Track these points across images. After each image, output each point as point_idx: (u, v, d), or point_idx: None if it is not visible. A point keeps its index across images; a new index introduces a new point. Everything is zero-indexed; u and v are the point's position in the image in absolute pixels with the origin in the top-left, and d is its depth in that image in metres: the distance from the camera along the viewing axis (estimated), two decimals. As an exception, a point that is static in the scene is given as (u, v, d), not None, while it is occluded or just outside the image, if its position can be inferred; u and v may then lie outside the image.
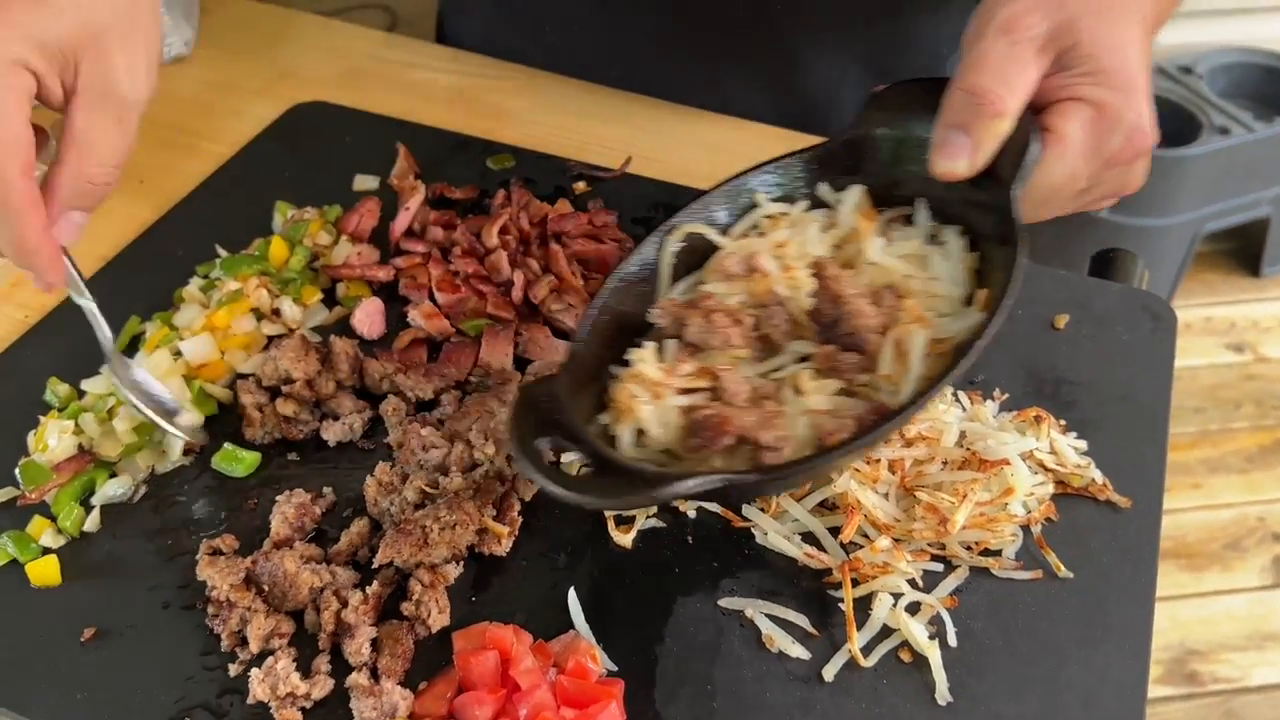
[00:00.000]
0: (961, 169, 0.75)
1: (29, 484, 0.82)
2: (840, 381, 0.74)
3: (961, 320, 0.75)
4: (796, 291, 0.78)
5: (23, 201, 0.69)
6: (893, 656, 0.74)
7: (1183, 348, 2.66)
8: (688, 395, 0.75)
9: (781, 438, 0.70)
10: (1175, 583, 2.27)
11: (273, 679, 0.71)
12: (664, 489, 0.66)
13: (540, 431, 0.69)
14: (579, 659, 0.72)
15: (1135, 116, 0.74)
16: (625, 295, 0.81)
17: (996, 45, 0.73)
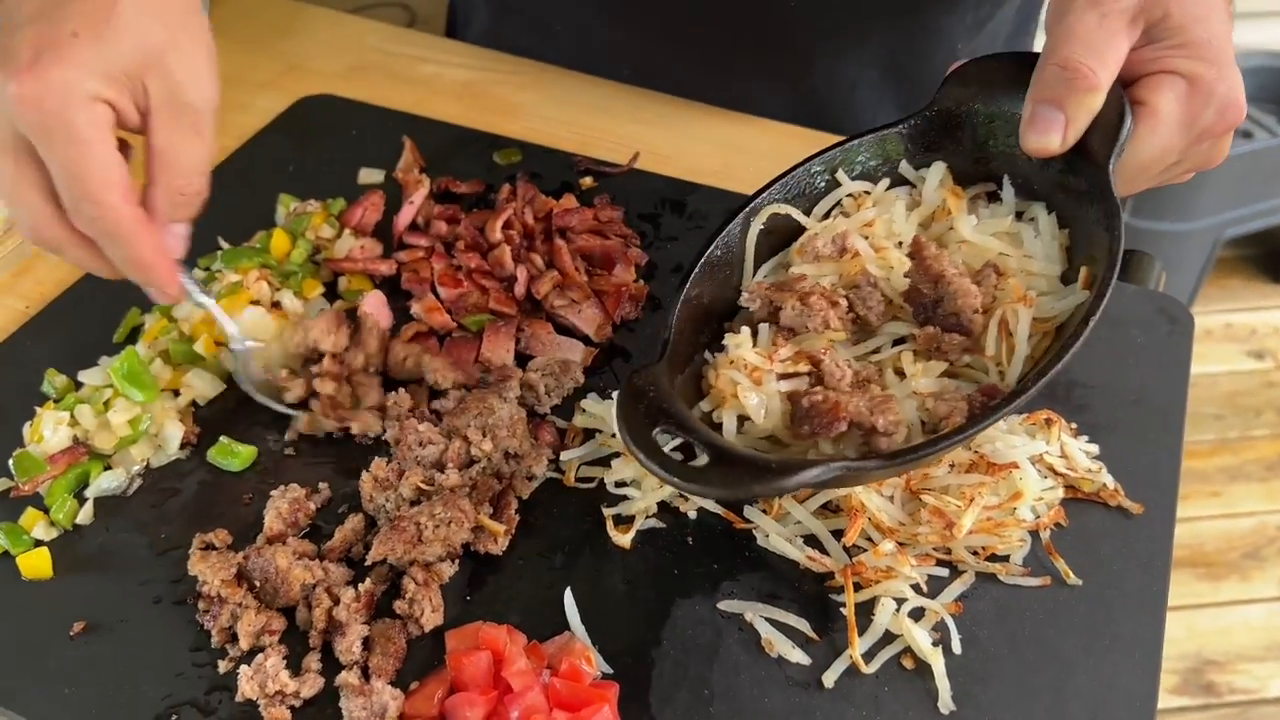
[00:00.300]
0: (1055, 144, 0.74)
1: (22, 475, 0.82)
2: (944, 363, 0.74)
3: (1063, 299, 0.74)
4: (891, 271, 0.77)
5: (131, 224, 0.72)
6: (895, 663, 0.72)
7: (1203, 354, 2.67)
8: (788, 380, 0.73)
9: (895, 421, 0.69)
10: (1192, 592, 2.24)
11: (261, 676, 0.70)
12: (788, 479, 0.63)
13: (652, 422, 0.67)
14: (573, 661, 0.71)
15: (1227, 89, 0.73)
16: (707, 279, 0.79)
17: (1086, 18, 0.72)
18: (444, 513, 0.77)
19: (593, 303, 0.94)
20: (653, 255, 1.01)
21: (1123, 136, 0.73)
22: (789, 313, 0.75)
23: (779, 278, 0.81)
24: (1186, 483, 2.44)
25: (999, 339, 0.73)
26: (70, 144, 0.68)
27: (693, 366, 0.76)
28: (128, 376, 0.85)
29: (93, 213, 0.70)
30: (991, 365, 0.73)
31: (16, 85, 0.66)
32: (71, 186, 0.69)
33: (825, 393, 0.71)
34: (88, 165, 0.68)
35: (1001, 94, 0.80)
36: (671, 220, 1.04)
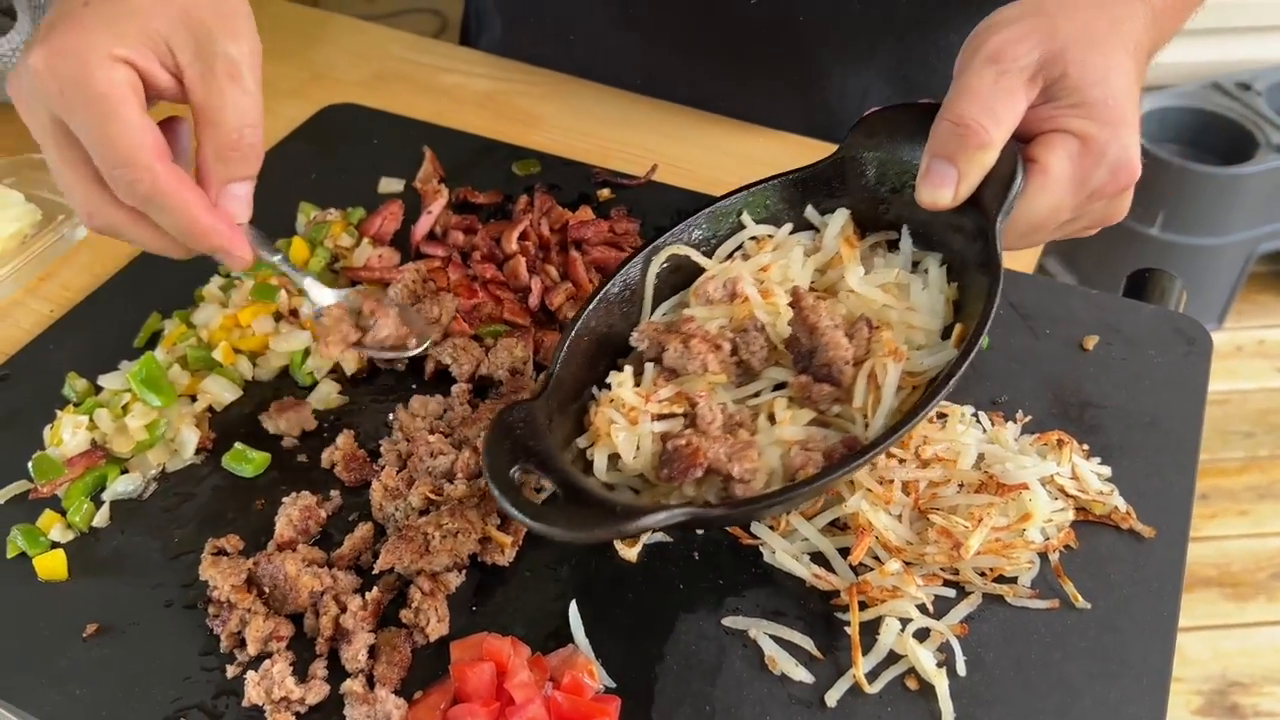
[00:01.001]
0: (945, 199, 0.75)
1: (41, 478, 0.83)
2: (814, 411, 0.75)
3: (937, 355, 0.75)
4: (776, 318, 0.78)
5: (169, 184, 0.68)
6: (899, 684, 0.72)
7: (1234, 370, 2.63)
8: (664, 420, 0.75)
9: (751, 470, 0.71)
10: (1219, 612, 2.22)
11: (268, 682, 0.71)
12: (631, 523, 0.65)
13: (514, 458, 0.69)
14: (576, 674, 0.71)
15: (1120, 150, 0.73)
16: (609, 315, 0.81)
17: (984, 75, 0.73)
18: (452, 523, 0.78)
19: (606, 315, 0.94)
20: (668, 268, 1.01)
21: (1012, 193, 0.74)
22: (671, 354, 0.77)
23: (675, 317, 0.82)
24: (1214, 501, 2.41)
25: (867, 391, 0.74)
26: (90, 106, 0.65)
27: (581, 400, 0.78)
28: (146, 381, 0.86)
29: (128, 177, 0.67)
30: (859, 416, 0.74)
31: (34, 59, 0.65)
32: (101, 153, 0.67)
33: (689, 437, 0.72)
34: (112, 126, 0.66)
35: (904, 144, 0.82)
36: (688, 233, 1.04)
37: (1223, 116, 2.61)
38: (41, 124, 0.68)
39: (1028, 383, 0.89)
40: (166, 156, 0.69)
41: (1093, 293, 0.98)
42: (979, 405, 0.86)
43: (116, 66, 0.66)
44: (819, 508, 0.79)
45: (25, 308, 1.00)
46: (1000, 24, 0.75)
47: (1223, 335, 2.74)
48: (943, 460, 0.79)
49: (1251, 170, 2.47)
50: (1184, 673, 2.13)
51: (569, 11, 1.24)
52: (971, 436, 0.81)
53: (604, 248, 0.99)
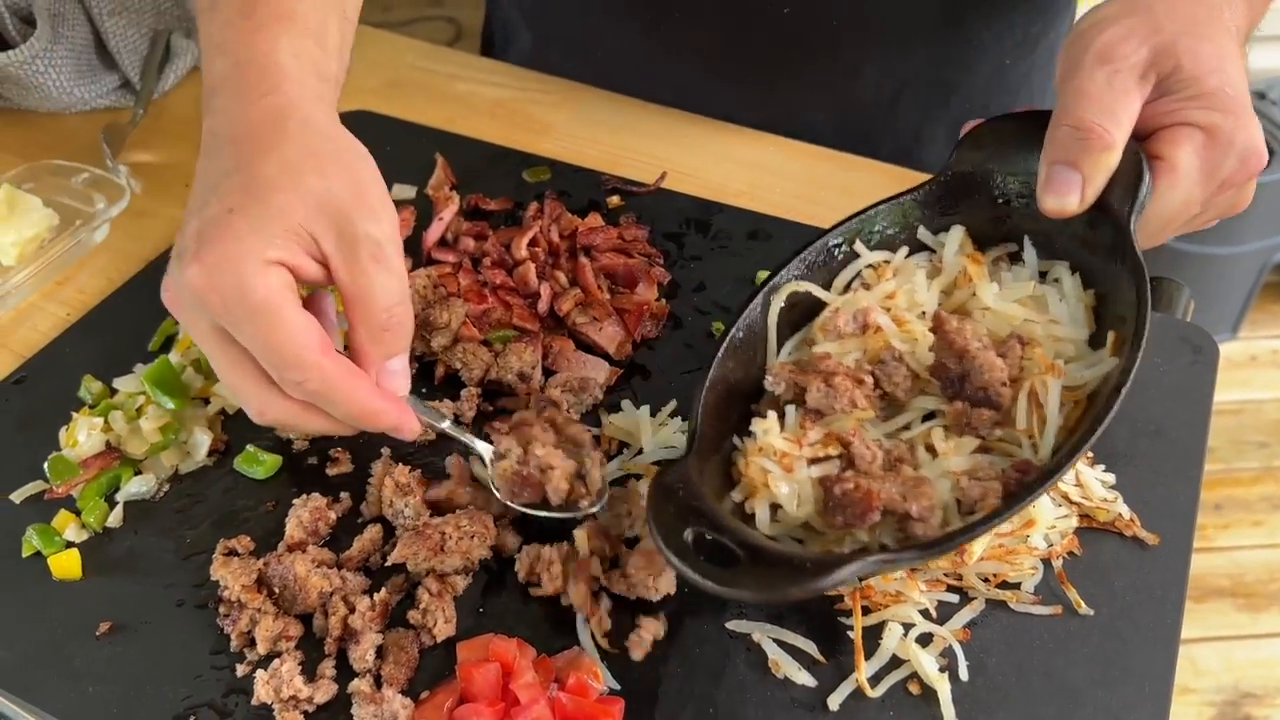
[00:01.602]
0: (1073, 205, 0.73)
1: (56, 478, 0.84)
2: (976, 439, 0.73)
3: (1092, 366, 0.73)
4: (915, 345, 0.77)
5: (337, 377, 0.69)
6: (901, 688, 0.72)
7: (1249, 380, 2.62)
8: (818, 464, 0.72)
9: (930, 507, 0.68)
10: (1232, 623, 2.21)
11: (277, 681, 0.72)
12: (825, 578, 0.62)
13: (684, 522, 0.66)
14: (580, 675, 0.72)
15: (1247, 137, 0.72)
16: (731, 361, 0.78)
17: (1096, 76, 0.72)
18: (469, 525, 0.78)
19: (614, 320, 0.95)
20: (676, 274, 1.02)
21: (1142, 193, 0.72)
22: (814, 394, 0.74)
23: (802, 355, 0.80)
24: (1228, 511, 2.40)
25: (1029, 411, 0.72)
26: (255, 317, 0.66)
27: (722, 452, 0.75)
28: (160, 384, 0.87)
29: (298, 378, 0.67)
30: (1024, 438, 0.72)
31: (190, 275, 0.65)
32: (270, 359, 0.67)
33: (857, 479, 0.69)
34: (278, 333, 0.66)
35: (1016, 154, 0.80)
36: (696, 240, 1.05)
37: (1238, 125, 2.61)
38: (203, 332, 0.69)
39: (1033, 390, 0.89)
40: (330, 349, 0.69)
41: (1099, 301, 0.98)
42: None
43: (272, 271, 0.67)
44: (824, 513, 0.79)
45: (42, 311, 1.01)
46: (1102, 22, 0.74)
47: (1237, 345, 2.73)
48: (947, 467, 0.79)
49: (1266, 179, 2.47)
50: (1197, 684, 2.12)
51: (597, 26, 1.25)
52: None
53: (612, 254, 1.00)
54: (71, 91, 1.23)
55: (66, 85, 1.22)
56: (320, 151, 0.71)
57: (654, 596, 0.76)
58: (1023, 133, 0.79)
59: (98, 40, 1.25)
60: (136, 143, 1.21)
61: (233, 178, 0.69)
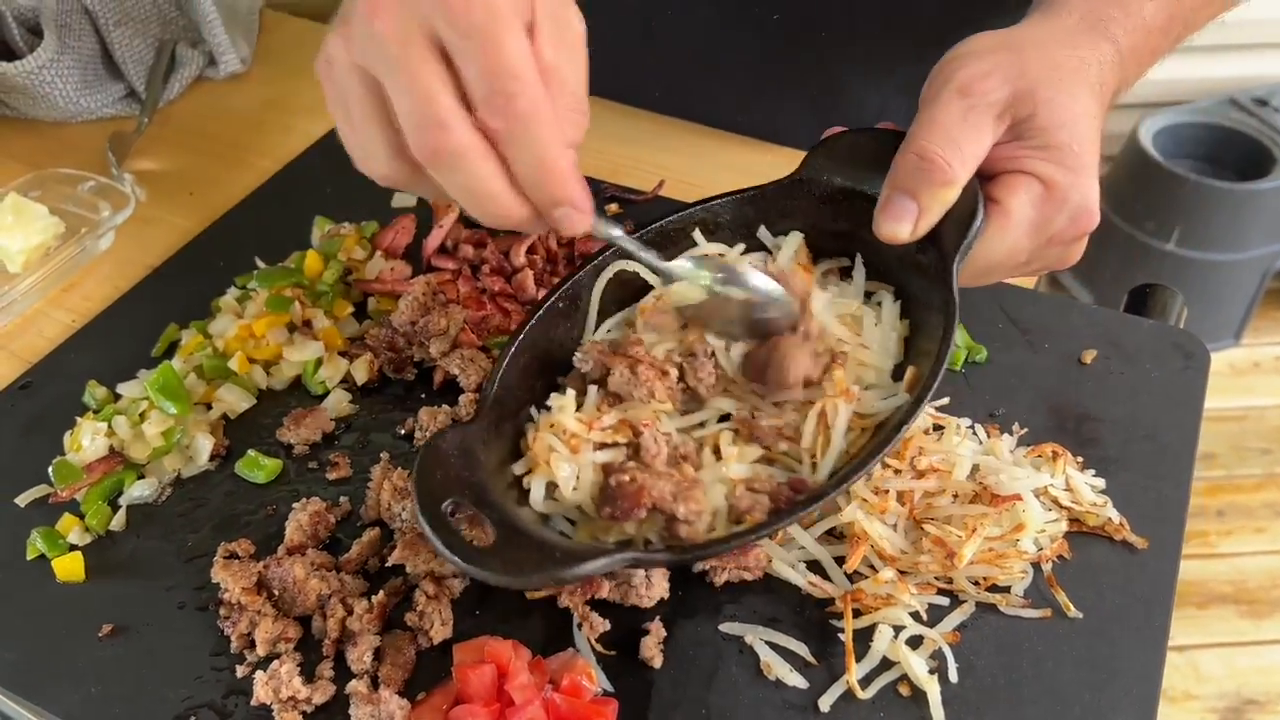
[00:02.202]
0: (904, 234, 0.73)
1: (60, 482, 0.86)
2: (760, 449, 0.74)
3: (888, 398, 0.74)
4: (730, 348, 0.77)
5: (545, 103, 0.62)
6: (891, 690, 0.73)
7: (1251, 387, 2.63)
8: (606, 450, 0.73)
9: (696, 511, 0.69)
10: (1234, 629, 2.21)
11: (275, 682, 0.73)
12: (570, 569, 0.63)
13: (446, 491, 0.66)
14: (575, 677, 0.72)
15: (1081, 197, 0.73)
16: (551, 327, 0.78)
17: (952, 109, 0.72)
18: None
19: (611, 327, 0.96)
20: (673, 281, 1.03)
21: (972, 233, 0.72)
22: (617, 378, 0.75)
23: (621, 335, 0.80)
24: (1230, 518, 2.40)
25: (816, 431, 0.73)
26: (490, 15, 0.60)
27: (519, 419, 0.75)
28: (163, 390, 0.89)
29: (513, 88, 0.60)
30: (806, 456, 0.74)
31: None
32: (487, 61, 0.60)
33: (634, 473, 0.70)
34: (505, 37, 0.61)
35: (865, 171, 0.80)
36: (693, 247, 1.06)
37: (1239, 132, 2.61)
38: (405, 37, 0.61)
39: (1025, 396, 0.90)
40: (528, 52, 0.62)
41: (1092, 308, 0.99)
42: (975, 418, 0.88)
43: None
44: (815, 517, 0.80)
45: (48, 318, 1.03)
46: (970, 55, 0.74)
47: (1240, 351, 2.73)
48: (938, 471, 0.80)
49: (1268, 186, 2.47)
50: (1199, 690, 2.12)
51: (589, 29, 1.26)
52: (967, 448, 0.82)
53: (610, 261, 1.01)
54: (78, 101, 1.24)
55: (73, 95, 1.24)
56: None
57: (646, 604, 0.77)
58: (877, 149, 0.78)
59: (104, 50, 1.27)
60: (141, 151, 1.22)
61: None
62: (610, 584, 0.77)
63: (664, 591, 0.78)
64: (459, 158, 0.62)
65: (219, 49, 1.32)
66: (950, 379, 0.92)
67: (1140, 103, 2.73)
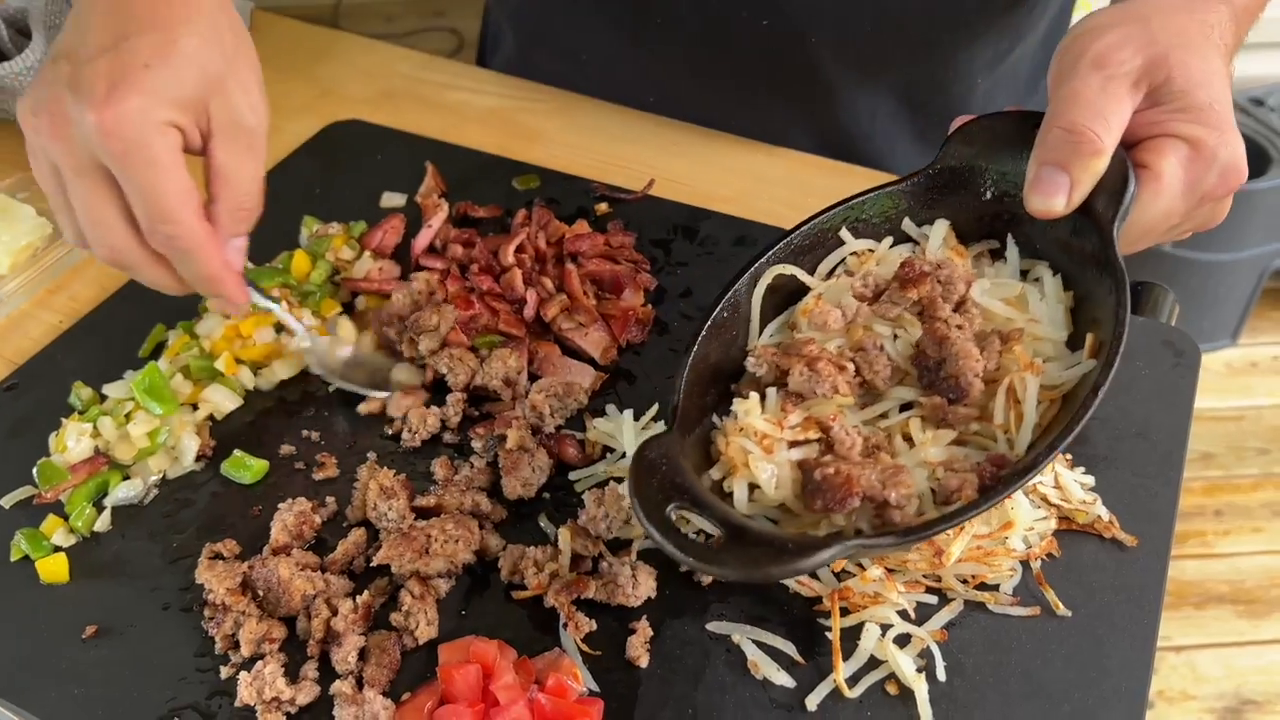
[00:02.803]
0: (1059, 207, 0.74)
1: (45, 483, 0.85)
2: (953, 431, 0.73)
3: (1070, 367, 0.74)
4: (898, 335, 0.77)
5: (204, 240, 0.76)
6: (879, 689, 0.73)
7: (1249, 387, 2.62)
8: (798, 448, 0.73)
9: (907, 495, 0.69)
10: (1232, 629, 2.20)
11: (260, 683, 0.72)
12: (805, 559, 0.62)
13: (666, 497, 0.66)
14: (560, 677, 0.72)
15: (1229, 153, 0.74)
16: (713, 340, 0.79)
17: (1090, 81, 0.73)
18: (455, 530, 0.79)
19: (599, 326, 0.96)
20: (663, 280, 1.03)
21: (1126, 200, 0.73)
22: (796, 378, 0.75)
23: (784, 338, 0.81)
24: (1228, 518, 2.40)
25: (1007, 407, 0.73)
26: (148, 168, 0.72)
27: (701, 429, 0.76)
28: (149, 390, 0.88)
29: (170, 231, 0.74)
30: (1000, 433, 0.73)
31: (96, 115, 0.70)
32: (150, 208, 0.73)
33: (837, 465, 0.70)
34: (165, 187, 0.72)
35: (1005, 152, 0.81)
36: (683, 246, 1.06)
37: (1236, 132, 2.61)
38: (79, 164, 0.73)
39: (1015, 393, 0.90)
40: (201, 215, 0.76)
41: (1083, 305, 0.98)
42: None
43: (170, 132, 0.73)
44: (804, 515, 0.79)
45: (34, 319, 1.02)
46: (1098, 29, 0.75)
47: (1238, 351, 2.73)
48: (926, 469, 0.80)
49: (1265, 186, 2.47)
50: (1197, 690, 2.11)
51: (581, 31, 1.26)
52: (956, 446, 0.82)
53: (599, 260, 1.01)
54: (67, 102, 1.24)
55: (62, 96, 1.23)
56: (226, 38, 0.77)
57: (633, 603, 0.76)
58: (1013, 131, 0.79)
59: (93, 52, 1.26)
60: (131, 153, 1.22)
61: (147, 35, 0.73)
62: (597, 583, 0.77)
63: (651, 591, 0.77)
64: (129, 266, 0.77)
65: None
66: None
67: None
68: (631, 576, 0.77)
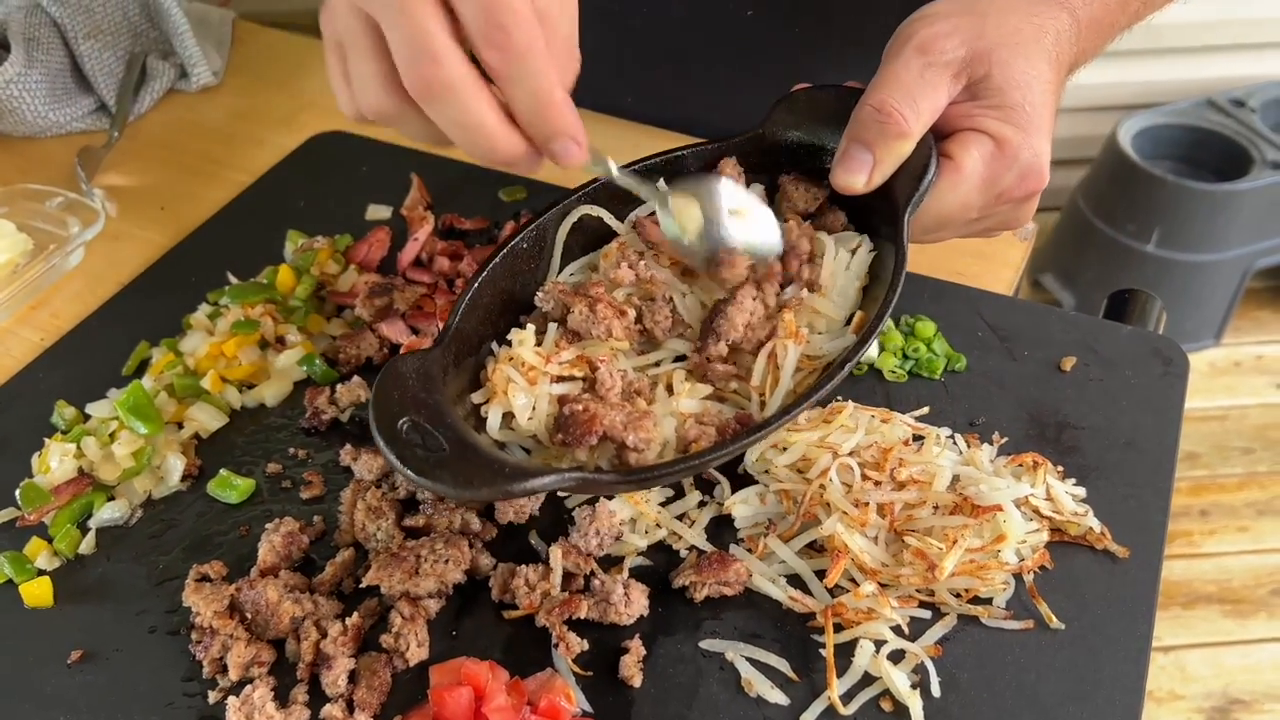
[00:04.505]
0: (859, 184, 0.76)
1: (28, 505, 0.84)
2: (711, 386, 0.76)
3: (837, 340, 0.76)
4: (687, 293, 0.80)
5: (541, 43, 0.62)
6: (873, 705, 0.72)
7: (1232, 387, 2.64)
8: (563, 383, 0.75)
9: (646, 439, 0.71)
10: (1220, 629, 2.21)
11: (249, 708, 0.72)
12: (519, 483, 0.64)
13: (403, 410, 0.67)
14: (553, 698, 0.71)
15: (1031, 156, 0.76)
16: (516, 270, 0.80)
17: (911, 65, 0.75)
18: (444, 550, 0.78)
19: (588, 339, 0.95)
20: (651, 292, 1.02)
21: (924, 185, 0.75)
22: (576, 316, 0.77)
23: (582, 278, 0.83)
24: (1214, 517, 2.41)
25: (766, 370, 0.76)
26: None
27: (479, 356, 0.78)
28: (133, 409, 0.87)
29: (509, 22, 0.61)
30: (755, 395, 0.76)
31: None
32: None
33: (587, 403, 0.72)
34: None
35: (824, 126, 0.83)
36: (671, 257, 1.05)
37: (1218, 133, 2.63)
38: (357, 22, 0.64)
39: (1005, 404, 0.90)
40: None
41: (1071, 314, 0.99)
42: (956, 427, 0.87)
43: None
44: (795, 530, 0.79)
45: (16, 336, 1.01)
46: (931, 17, 0.77)
47: (1221, 351, 2.74)
48: (918, 482, 0.80)
49: (1246, 186, 2.48)
50: (1186, 690, 2.12)
51: None
52: (947, 459, 0.82)
53: (587, 273, 1.00)
54: (46, 115, 1.23)
55: (41, 109, 1.22)
56: None
57: (625, 621, 0.76)
58: (838, 105, 0.80)
59: (73, 63, 1.25)
60: (112, 166, 1.21)
61: None
62: (589, 602, 0.76)
63: (643, 609, 0.77)
64: (451, 90, 0.62)
65: (191, 61, 1.31)
66: (930, 387, 0.91)
67: (1119, 104, 2.74)
68: (624, 595, 0.76)
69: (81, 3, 1.24)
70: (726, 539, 0.81)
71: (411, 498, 0.84)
